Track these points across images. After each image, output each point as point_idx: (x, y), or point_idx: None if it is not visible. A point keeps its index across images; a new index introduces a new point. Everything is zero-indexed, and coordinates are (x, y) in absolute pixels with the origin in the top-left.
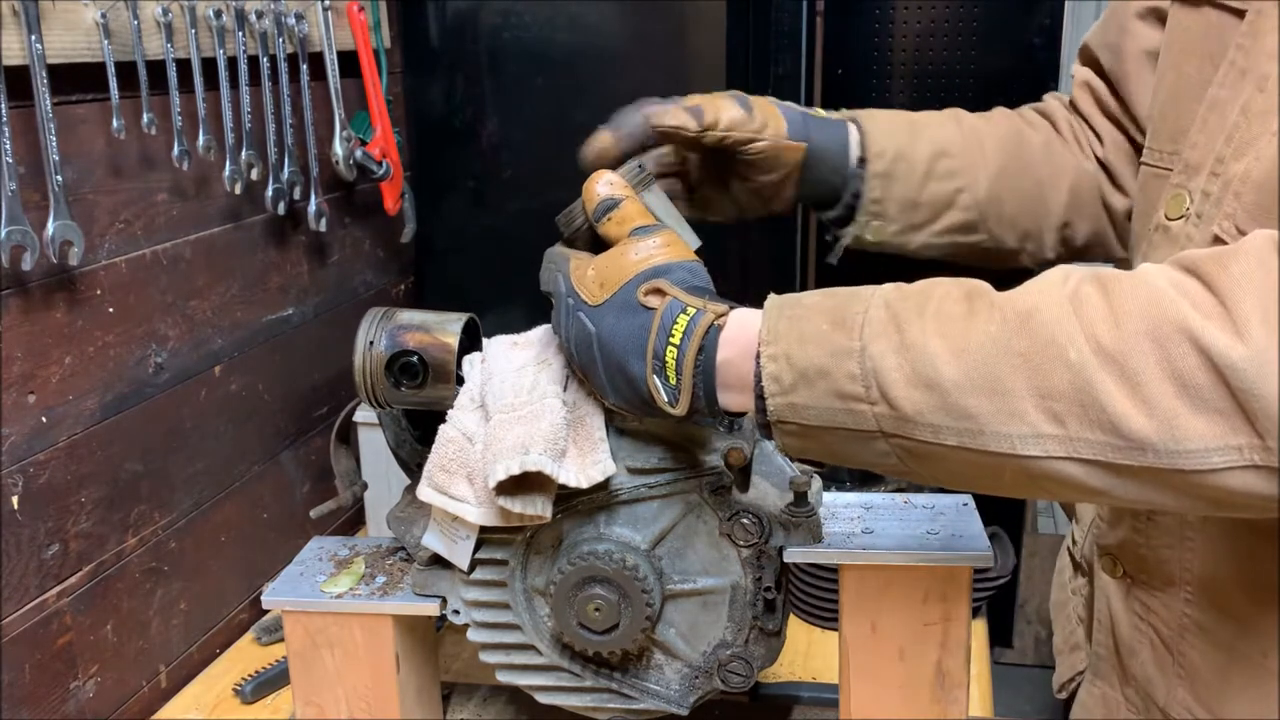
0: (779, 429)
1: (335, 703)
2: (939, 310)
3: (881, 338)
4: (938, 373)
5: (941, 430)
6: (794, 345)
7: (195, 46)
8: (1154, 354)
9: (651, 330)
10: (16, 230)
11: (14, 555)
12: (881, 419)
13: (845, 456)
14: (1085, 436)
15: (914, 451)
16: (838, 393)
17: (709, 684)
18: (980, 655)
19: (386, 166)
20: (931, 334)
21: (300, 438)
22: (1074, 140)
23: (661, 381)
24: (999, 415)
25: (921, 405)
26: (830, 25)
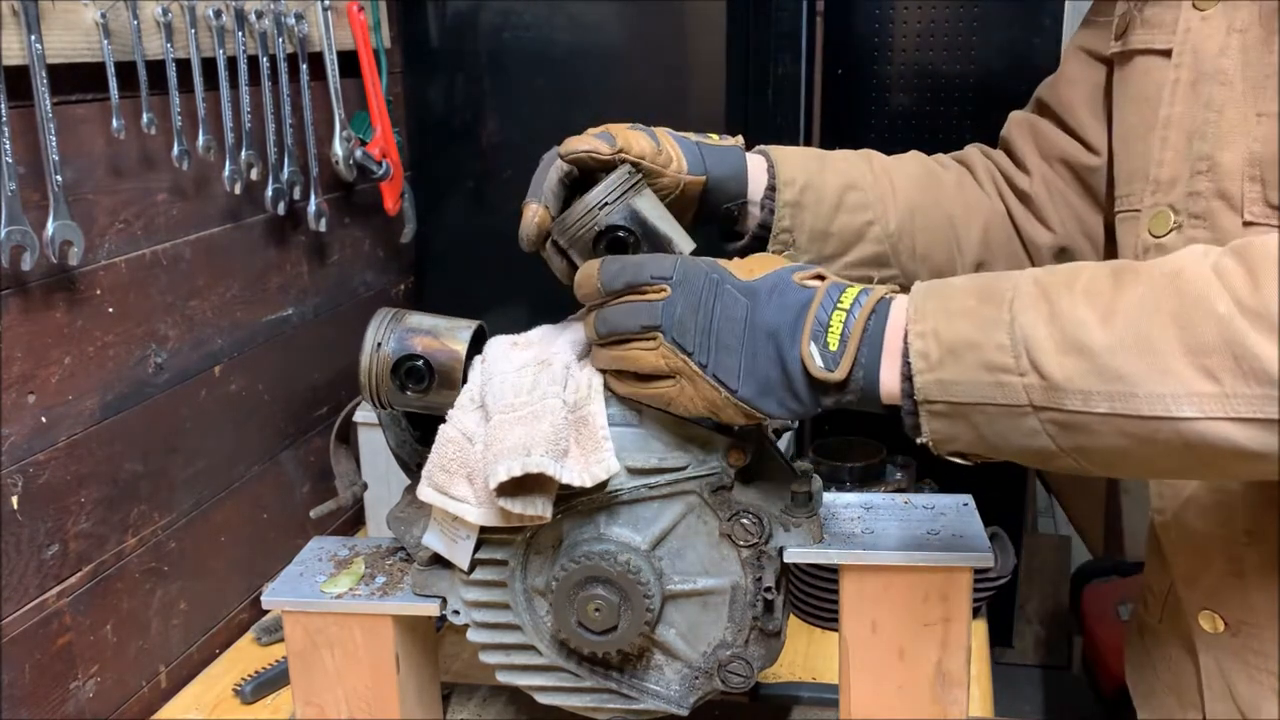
0: (926, 410)
1: (335, 703)
2: (1088, 285)
3: (1031, 309)
4: (1089, 336)
5: (1092, 396)
6: (941, 320)
7: (195, 46)
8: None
9: (814, 301)
10: (16, 230)
11: (14, 555)
12: (1031, 390)
13: (994, 440)
14: (1241, 391)
15: (1064, 425)
16: (986, 364)
17: (709, 684)
18: (980, 655)
19: (386, 166)
20: (1080, 303)
21: (300, 438)
22: (990, 182)
23: (819, 348)
24: (1151, 375)
25: (1072, 371)
26: (830, 25)
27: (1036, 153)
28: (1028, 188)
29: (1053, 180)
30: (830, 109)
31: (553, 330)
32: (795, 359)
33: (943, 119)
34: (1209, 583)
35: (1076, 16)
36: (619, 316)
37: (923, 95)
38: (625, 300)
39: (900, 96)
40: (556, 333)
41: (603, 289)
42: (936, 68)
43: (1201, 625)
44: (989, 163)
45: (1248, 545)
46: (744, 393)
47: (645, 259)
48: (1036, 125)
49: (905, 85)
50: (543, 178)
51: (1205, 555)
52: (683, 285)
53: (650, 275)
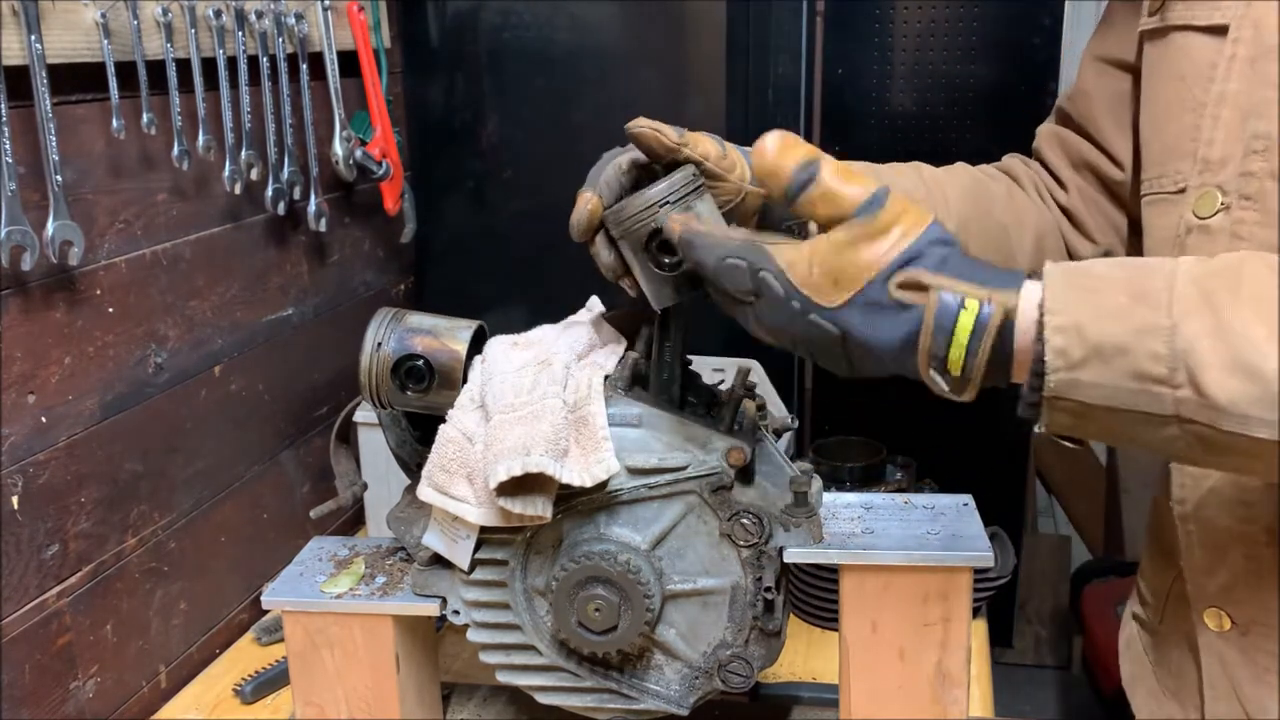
0: (1052, 405)
1: (335, 703)
2: (1256, 292)
3: (1194, 317)
4: (1260, 360)
5: (1253, 422)
6: (1087, 316)
7: (195, 46)
8: None
9: (924, 332)
10: (16, 230)
11: (14, 555)
12: (1183, 404)
13: (1119, 437)
14: None
15: (1210, 441)
16: (1136, 373)
17: (709, 684)
18: (980, 655)
19: (386, 166)
20: (1251, 318)
21: (300, 438)
22: (1034, 190)
23: (941, 376)
24: None
25: (1238, 395)
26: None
27: (1068, 165)
28: (1065, 202)
29: (1086, 190)
30: (830, 109)
31: (553, 330)
32: (912, 374)
33: (943, 119)
34: (1224, 579)
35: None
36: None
37: (923, 96)
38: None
39: (900, 97)
40: (556, 333)
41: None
42: (936, 68)
43: (1206, 623)
44: (1031, 172)
45: (1267, 545)
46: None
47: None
48: (1064, 138)
49: (905, 86)
50: (600, 170)
51: (1224, 550)
52: (764, 308)
53: (734, 290)
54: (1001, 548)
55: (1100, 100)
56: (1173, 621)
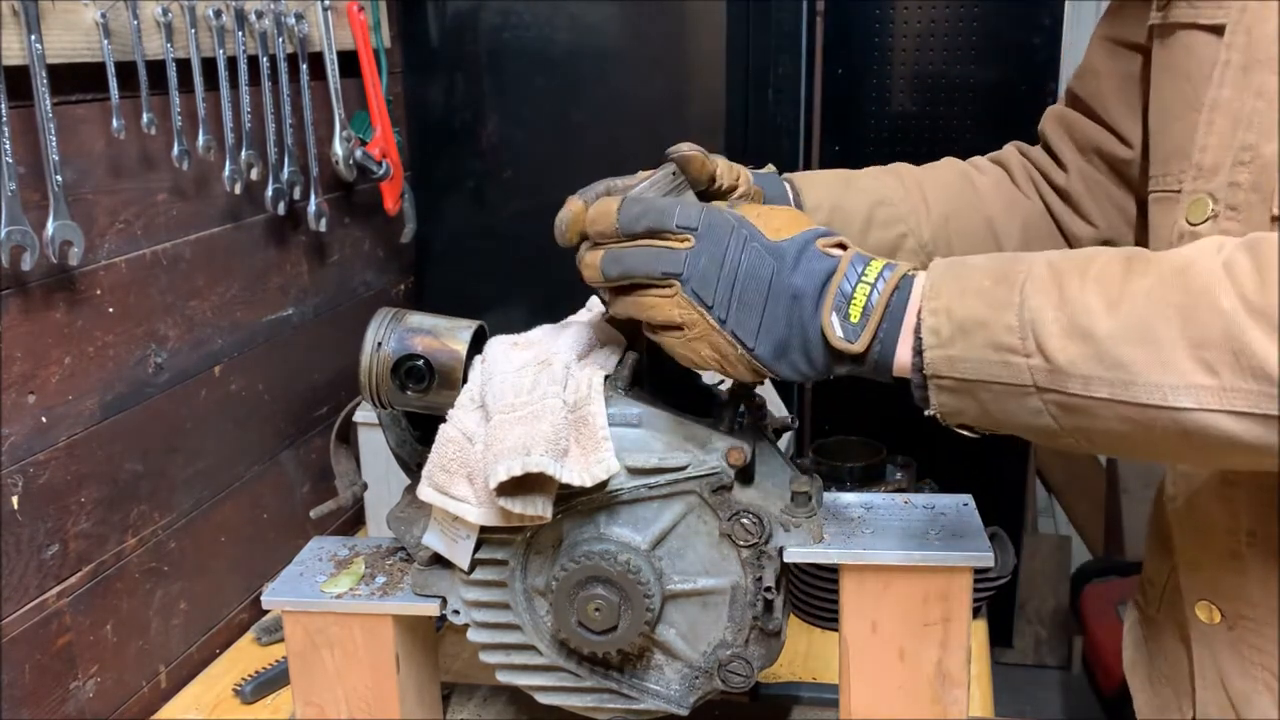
0: (935, 385)
1: (335, 703)
2: (1100, 272)
3: (1041, 293)
4: (1093, 323)
5: (1093, 381)
6: (955, 299)
7: (195, 46)
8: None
9: (839, 270)
10: (16, 230)
11: (14, 555)
12: (1036, 371)
13: (999, 416)
14: (1239, 386)
15: (1066, 407)
16: (994, 344)
17: (709, 684)
18: (980, 655)
19: (386, 166)
20: (1090, 290)
21: (300, 438)
22: (1028, 181)
23: (840, 320)
24: (1151, 365)
25: (1075, 356)
26: (830, 25)
27: (1072, 146)
28: (1065, 184)
29: (1090, 173)
30: (830, 109)
31: (553, 330)
32: (816, 327)
33: (943, 119)
34: (1210, 572)
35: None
36: (637, 259)
37: (923, 95)
38: (645, 244)
39: (900, 96)
40: (556, 333)
41: (620, 230)
42: (936, 67)
43: (1198, 615)
44: (1025, 161)
45: (1249, 545)
46: (760, 351)
47: (671, 203)
48: (1069, 119)
49: (905, 85)
50: (596, 187)
51: (1210, 545)
52: (709, 236)
53: (676, 224)
54: (1001, 548)
55: (1110, 79)
56: (1169, 611)
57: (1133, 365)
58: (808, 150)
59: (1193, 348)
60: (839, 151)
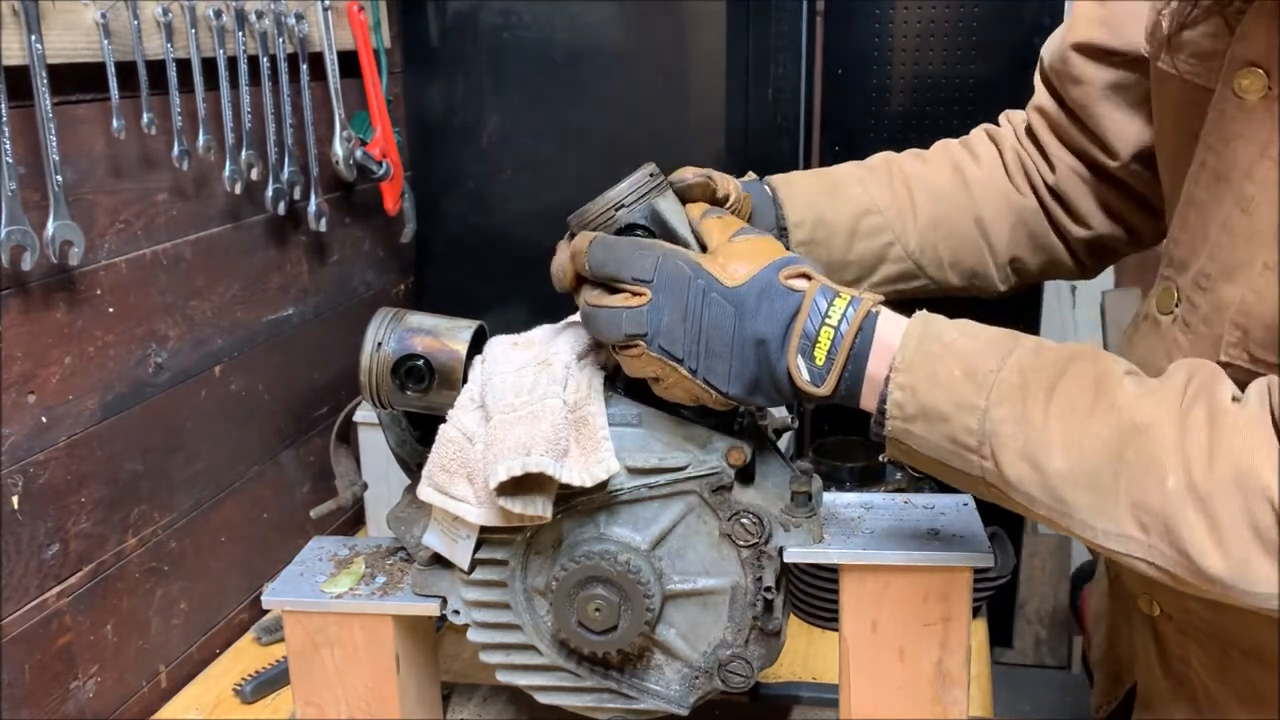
0: (891, 443)
1: (335, 703)
2: (1066, 394)
3: (1005, 404)
4: (1048, 457)
5: (1036, 503)
6: (923, 382)
7: (195, 46)
8: (1238, 501)
9: (801, 311)
10: (16, 230)
11: (14, 555)
12: (987, 471)
13: (946, 479)
14: (1164, 551)
15: (1008, 499)
16: (952, 439)
17: (709, 684)
18: (980, 655)
19: (386, 166)
20: (1053, 417)
21: (300, 438)
22: (1020, 172)
23: (807, 363)
24: (1091, 509)
25: (1024, 478)
26: (830, 26)
27: (1060, 145)
28: (1055, 184)
29: (1081, 171)
30: (830, 109)
31: (553, 330)
32: (783, 370)
33: (943, 119)
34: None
35: None
36: (603, 322)
37: (923, 96)
38: (604, 304)
39: (900, 97)
40: (556, 333)
41: (589, 273)
42: (937, 68)
43: (1140, 607)
44: (1020, 150)
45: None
46: (733, 393)
47: (628, 254)
48: (1054, 120)
49: (905, 85)
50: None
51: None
52: (667, 290)
53: (631, 276)
54: (1001, 548)
55: (1092, 89)
56: (1119, 595)
57: (1074, 505)
58: (808, 150)
59: (1133, 506)
60: (839, 152)
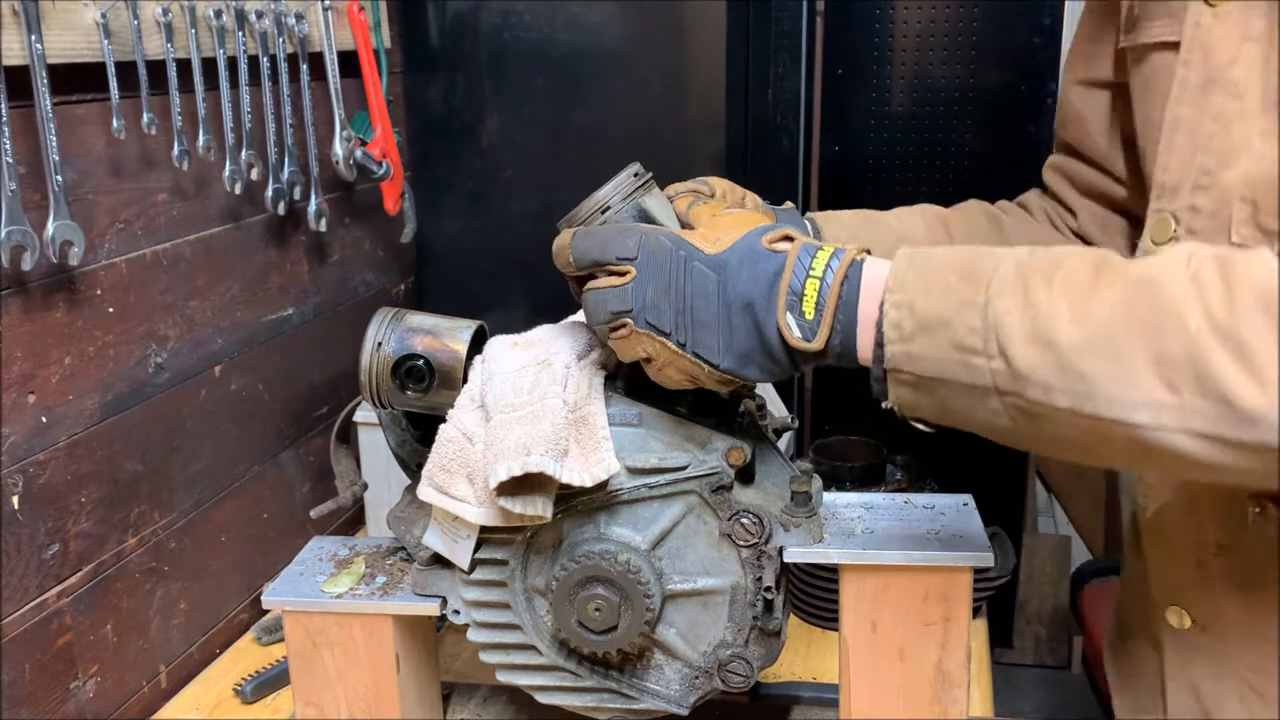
0: (894, 378)
1: (335, 703)
2: (1068, 277)
3: (1007, 294)
4: (1057, 332)
5: (1054, 390)
6: (919, 295)
7: (195, 46)
8: (1265, 326)
9: (785, 268)
10: (16, 230)
11: (14, 555)
12: (997, 374)
13: (956, 413)
14: (1198, 406)
15: (1024, 410)
16: (956, 344)
17: (709, 684)
18: (980, 655)
19: (386, 166)
20: (1057, 296)
21: (300, 438)
22: (1046, 219)
23: (796, 318)
24: (1113, 379)
25: (1037, 363)
26: (830, 26)
27: (1075, 191)
28: (1077, 228)
29: (1096, 212)
30: (830, 109)
31: (553, 330)
32: (773, 330)
33: (942, 119)
34: (1178, 581)
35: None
36: (591, 306)
37: (923, 96)
38: (592, 287)
39: (900, 97)
40: (556, 333)
41: (574, 264)
42: (936, 67)
43: (1169, 620)
44: (1044, 203)
45: (1217, 556)
46: (726, 365)
47: (609, 236)
48: (1066, 166)
49: (905, 86)
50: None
51: (1177, 555)
52: (650, 265)
53: (615, 256)
54: (1001, 547)
55: (1093, 122)
56: (1142, 615)
57: (1094, 378)
58: (807, 150)
59: (1156, 365)
60: (839, 151)
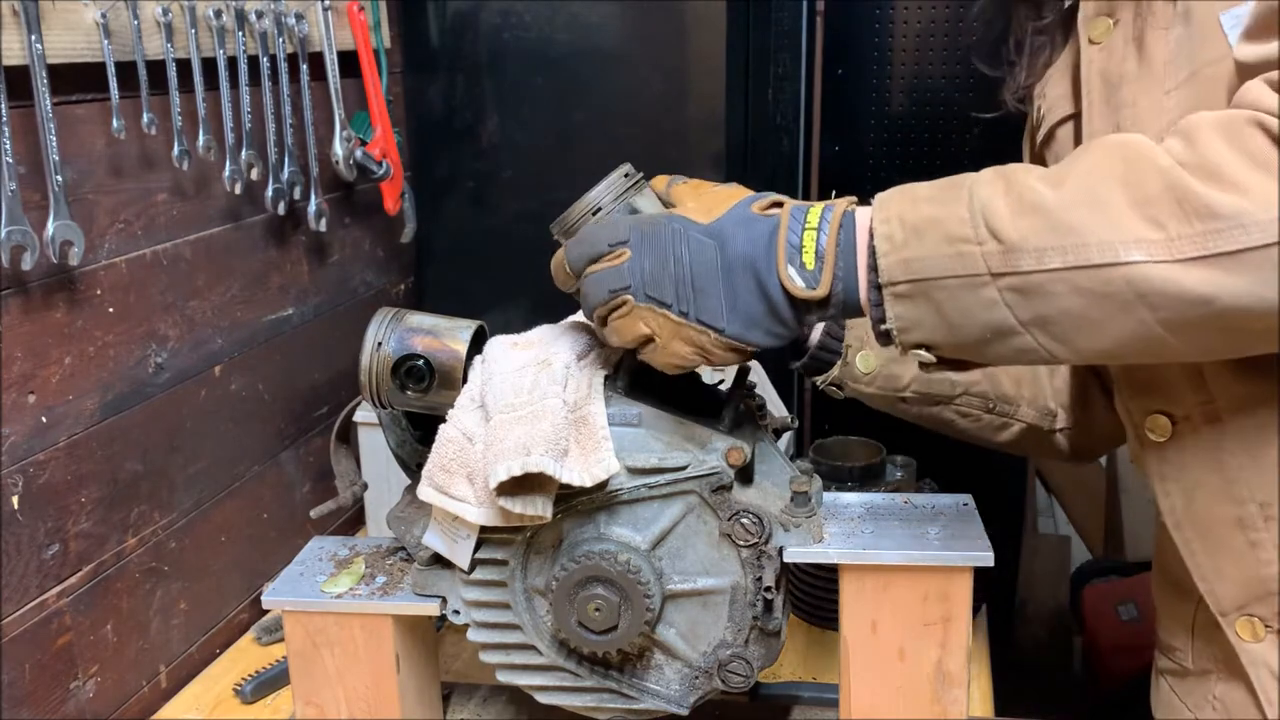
0: (890, 294)
1: (335, 703)
2: (1044, 170)
3: (990, 185)
4: (1042, 198)
5: (1046, 253)
6: (906, 206)
7: (195, 46)
8: (1226, 142)
9: (781, 226)
10: (16, 230)
11: (14, 555)
12: (989, 256)
13: (955, 318)
14: (1184, 233)
15: (1021, 290)
16: (947, 237)
17: (709, 684)
18: (980, 655)
19: (386, 166)
20: (1035, 175)
21: (300, 438)
22: None
23: (797, 269)
24: (1101, 224)
25: (1027, 230)
26: (830, 25)
27: None
28: None
29: None
30: (830, 109)
31: (553, 330)
32: (776, 284)
33: (942, 119)
34: (1238, 578)
35: None
36: (589, 291)
37: (923, 96)
38: (588, 273)
39: (900, 96)
40: (556, 333)
41: (573, 273)
42: (936, 68)
43: (1241, 636)
44: None
45: (1266, 521)
46: (731, 329)
47: (598, 230)
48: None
49: (905, 86)
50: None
51: (1226, 544)
52: (645, 242)
53: (607, 243)
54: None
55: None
56: (1206, 652)
57: (1083, 228)
58: (807, 150)
59: (1138, 207)
60: (839, 151)
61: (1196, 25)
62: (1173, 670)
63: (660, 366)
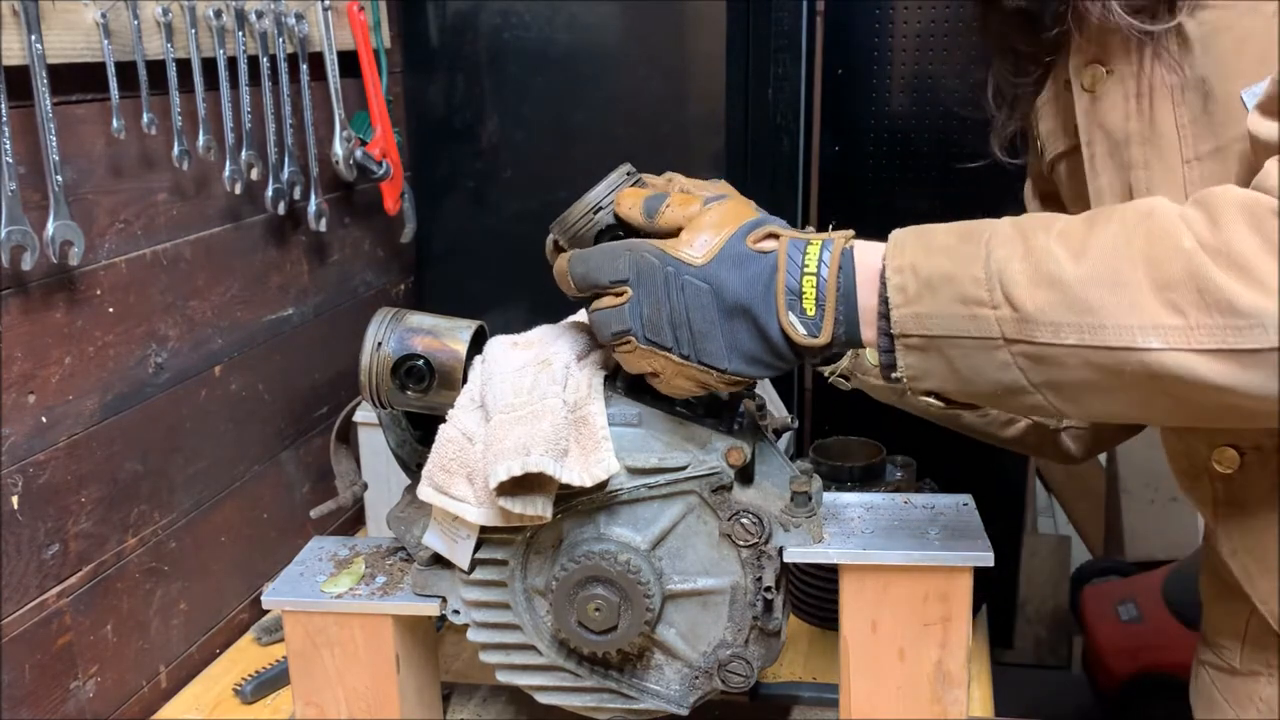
0: (902, 344)
1: (335, 703)
2: (1064, 228)
3: (1007, 245)
4: (1061, 270)
5: (1062, 328)
6: (920, 256)
7: (195, 46)
8: (1250, 229)
9: (779, 268)
10: (16, 230)
11: (14, 555)
12: (1004, 322)
13: (967, 373)
14: (1204, 323)
15: (1035, 357)
16: (961, 298)
17: (709, 684)
18: (980, 655)
19: (386, 166)
20: (1055, 240)
21: (300, 438)
22: None
23: (798, 316)
24: (1120, 307)
25: (1044, 303)
26: (830, 25)
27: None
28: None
29: None
30: (830, 109)
31: (553, 330)
32: (776, 330)
33: (942, 120)
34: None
35: None
36: (596, 327)
37: (923, 96)
38: (595, 308)
39: (900, 97)
40: (556, 333)
41: (576, 287)
42: (936, 68)
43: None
44: None
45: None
46: (733, 368)
47: (599, 260)
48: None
49: (905, 86)
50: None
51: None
52: (641, 284)
53: (609, 280)
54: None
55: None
56: (1257, 658)
57: (1101, 309)
58: (808, 150)
59: (1159, 290)
60: (839, 151)
61: (1219, 101)
62: (1217, 665)
63: (667, 394)
